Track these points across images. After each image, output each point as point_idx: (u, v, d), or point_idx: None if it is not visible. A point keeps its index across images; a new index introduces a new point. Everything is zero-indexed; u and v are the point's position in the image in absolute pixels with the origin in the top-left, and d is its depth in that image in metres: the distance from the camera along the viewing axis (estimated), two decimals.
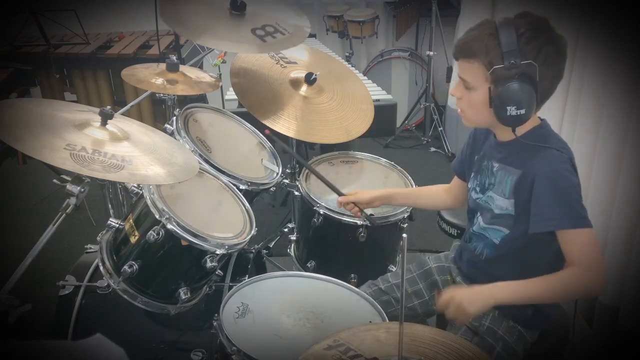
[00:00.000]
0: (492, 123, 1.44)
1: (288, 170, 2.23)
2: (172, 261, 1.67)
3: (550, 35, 1.38)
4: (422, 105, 4.43)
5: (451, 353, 1.03)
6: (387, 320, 1.50)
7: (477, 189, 1.58)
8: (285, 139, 1.93)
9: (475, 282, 1.61)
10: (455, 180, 1.77)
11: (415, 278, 1.78)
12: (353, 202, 1.82)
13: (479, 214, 1.59)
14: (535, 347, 1.61)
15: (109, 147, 1.48)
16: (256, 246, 2.24)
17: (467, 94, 1.45)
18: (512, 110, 1.35)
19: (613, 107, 2.18)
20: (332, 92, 2.14)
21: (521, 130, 1.44)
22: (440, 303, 1.38)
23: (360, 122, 2.11)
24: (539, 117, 1.50)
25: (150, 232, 1.57)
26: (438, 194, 1.84)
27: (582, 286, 1.37)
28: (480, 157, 1.60)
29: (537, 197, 1.40)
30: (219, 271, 1.79)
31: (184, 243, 1.59)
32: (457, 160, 1.74)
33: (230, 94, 2.96)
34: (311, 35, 4.42)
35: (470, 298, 1.35)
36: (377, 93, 3.11)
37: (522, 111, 1.35)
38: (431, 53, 4.16)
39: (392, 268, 2.05)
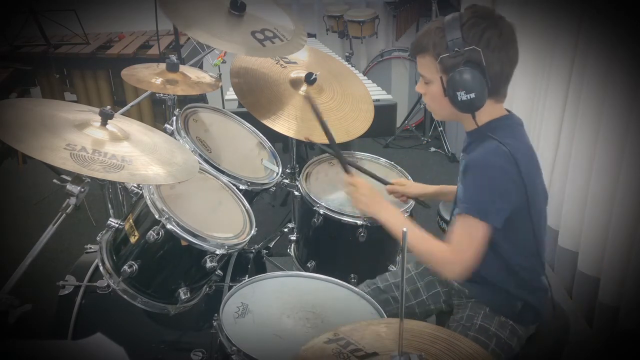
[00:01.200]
0: (455, 113, 1.47)
1: (288, 170, 2.23)
2: (172, 261, 1.67)
3: (493, 21, 1.42)
4: (422, 105, 4.43)
5: (451, 349, 1.02)
6: None
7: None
8: (333, 145, 1.88)
9: (466, 279, 1.62)
10: None
11: (413, 277, 1.78)
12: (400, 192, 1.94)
13: None
14: (534, 347, 1.61)
15: (109, 147, 1.48)
16: (256, 246, 2.23)
17: (427, 89, 1.52)
18: (462, 95, 1.40)
19: (613, 107, 2.18)
20: (332, 92, 2.14)
21: (482, 119, 1.47)
22: (347, 182, 1.73)
23: (360, 122, 2.11)
24: (507, 110, 1.53)
25: (150, 232, 1.57)
26: None
27: (440, 265, 1.49)
28: None
29: (465, 182, 1.47)
30: (219, 271, 1.79)
31: (183, 243, 1.59)
32: None
33: (230, 94, 2.96)
34: (311, 35, 4.43)
35: (367, 202, 1.67)
36: (377, 93, 3.11)
37: (472, 95, 1.39)
38: None
39: (392, 268, 2.05)
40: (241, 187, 1.92)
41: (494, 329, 1.56)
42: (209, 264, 1.63)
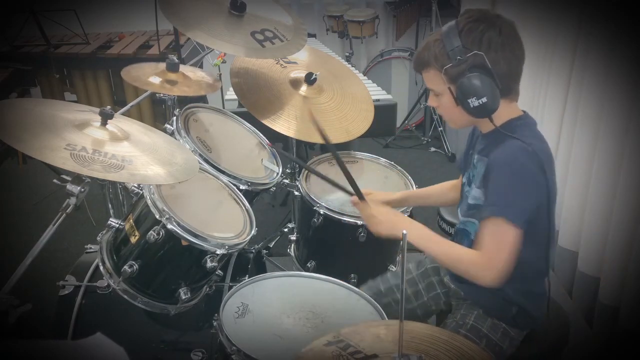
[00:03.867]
0: (471, 119, 1.48)
1: (288, 170, 2.23)
2: (172, 261, 1.67)
3: (490, 22, 1.41)
4: (422, 105, 4.43)
5: (451, 351, 1.02)
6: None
7: (466, 181, 1.61)
8: (286, 152, 1.89)
9: (461, 281, 1.62)
10: (461, 176, 1.78)
11: (415, 279, 1.78)
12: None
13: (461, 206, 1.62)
14: (534, 348, 1.61)
15: (109, 147, 1.48)
16: (256, 246, 2.23)
17: (439, 101, 1.51)
18: (474, 102, 1.39)
19: (613, 107, 2.18)
20: (332, 92, 2.14)
21: (499, 121, 1.46)
22: (363, 213, 1.62)
23: (360, 122, 2.11)
24: (522, 110, 1.52)
25: (151, 232, 1.57)
26: (446, 191, 1.87)
27: (472, 273, 1.43)
28: (472, 152, 1.62)
29: (491, 184, 1.43)
30: (219, 271, 1.79)
31: (184, 243, 1.59)
32: (460, 157, 1.76)
33: (230, 94, 2.96)
34: (311, 35, 4.42)
35: (385, 224, 1.56)
36: (377, 93, 3.11)
37: (484, 99, 1.38)
38: None
39: (392, 268, 2.05)
40: (241, 187, 1.92)
41: (486, 330, 1.56)
42: (209, 264, 1.63)
